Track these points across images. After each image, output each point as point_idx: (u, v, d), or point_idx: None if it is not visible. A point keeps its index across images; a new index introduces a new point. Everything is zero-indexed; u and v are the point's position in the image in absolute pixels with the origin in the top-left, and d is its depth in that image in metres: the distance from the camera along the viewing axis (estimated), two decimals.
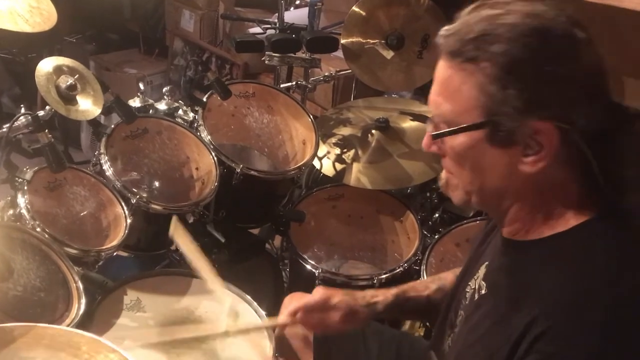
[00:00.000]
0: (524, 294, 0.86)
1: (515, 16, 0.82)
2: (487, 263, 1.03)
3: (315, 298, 1.23)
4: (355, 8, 2.22)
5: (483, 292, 1.00)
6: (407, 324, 1.96)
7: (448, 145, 0.91)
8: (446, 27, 0.88)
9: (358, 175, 2.11)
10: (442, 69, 0.88)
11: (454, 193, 0.97)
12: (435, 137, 0.92)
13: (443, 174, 0.98)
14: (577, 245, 0.86)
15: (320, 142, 2.11)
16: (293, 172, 2.03)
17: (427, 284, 1.30)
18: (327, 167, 2.16)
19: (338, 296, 1.24)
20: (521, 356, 0.83)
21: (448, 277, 1.29)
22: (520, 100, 0.81)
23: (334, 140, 2.23)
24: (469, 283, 1.06)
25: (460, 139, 0.88)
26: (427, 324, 1.79)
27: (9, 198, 1.55)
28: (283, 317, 1.25)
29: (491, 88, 0.82)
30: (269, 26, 2.40)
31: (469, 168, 0.90)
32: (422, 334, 1.81)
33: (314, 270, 1.87)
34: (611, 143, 0.85)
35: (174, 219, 1.47)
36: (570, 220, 0.87)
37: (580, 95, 0.82)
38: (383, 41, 2.24)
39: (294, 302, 1.25)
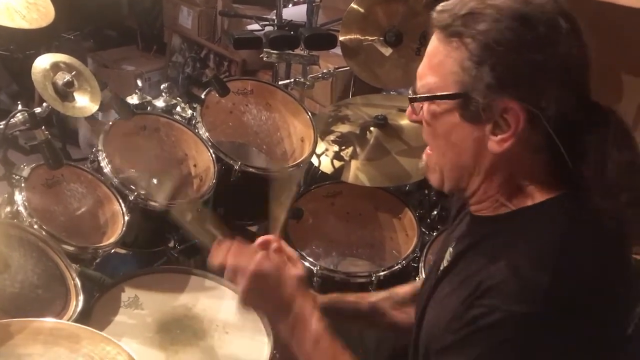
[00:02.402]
0: (480, 265, 0.89)
1: None
2: (454, 243, 1.05)
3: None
4: (353, 5, 2.22)
5: (445, 264, 1.02)
6: None
7: (426, 113, 0.94)
8: (442, 4, 0.92)
9: (356, 172, 2.11)
10: (432, 43, 0.93)
11: (432, 175, 0.99)
12: (411, 101, 0.95)
13: (424, 156, 1.01)
14: (538, 219, 0.89)
15: (319, 140, 2.11)
16: (291, 169, 2.03)
17: (375, 294, 1.34)
18: (326, 165, 2.16)
19: None
20: (462, 312, 0.85)
21: (403, 288, 1.32)
22: (493, 78, 0.84)
23: (332, 137, 2.23)
24: (439, 265, 1.08)
25: (435, 107, 0.92)
26: None
27: (6, 195, 1.55)
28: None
29: (468, 63, 0.86)
30: (267, 23, 2.39)
31: (442, 139, 0.94)
32: None
33: (312, 267, 1.87)
34: (580, 136, 0.87)
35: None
36: (536, 196, 0.90)
37: (553, 83, 0.84)
38: (381, 38, 2.23)
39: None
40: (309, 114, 2.14)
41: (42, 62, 1.55)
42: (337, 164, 2.15)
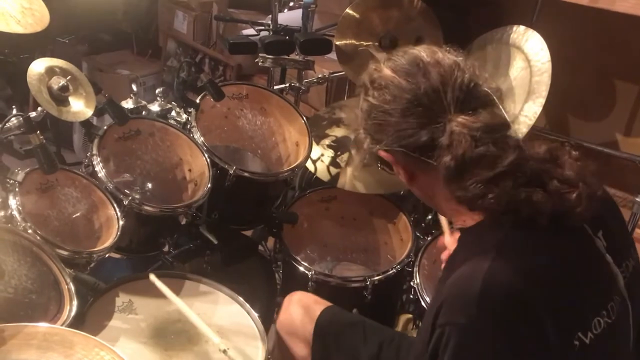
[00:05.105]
0: (441, 285, 1.03)
1: None
2: None
3: None
4: (348, 10, 2.23)
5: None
6: (399, 326, 1.96)
7: None
8: None
9: (352, 178, 2.11)
10: None
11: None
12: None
13: None
14: (481, 235, 1.04)
15: (314, 144, 2.11)
16: (286, 173, 2.03)
17: None
18: (321, 170, 2.16)
19: None
20: (431, 335, 0.98)
21: None
22: (365, 136, 1.15)
23: (327, 142, 2.24)
24: None
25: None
26: (419, 324, 1.79)
27: (0, 200, 1.54)
28: None
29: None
30: (262, 28, 2.40)
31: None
32: (414, 335, 1.81)
33: (306, 272, 1.87)
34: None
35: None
36: (475, 218, 1.06)
37: (390, 126, 1.07)
38: (376, 43, 2.24)
39: None
40: (304, 118, 2.14)
41: (38, 67, 1.55)
42: (332, 169, 2.15)
